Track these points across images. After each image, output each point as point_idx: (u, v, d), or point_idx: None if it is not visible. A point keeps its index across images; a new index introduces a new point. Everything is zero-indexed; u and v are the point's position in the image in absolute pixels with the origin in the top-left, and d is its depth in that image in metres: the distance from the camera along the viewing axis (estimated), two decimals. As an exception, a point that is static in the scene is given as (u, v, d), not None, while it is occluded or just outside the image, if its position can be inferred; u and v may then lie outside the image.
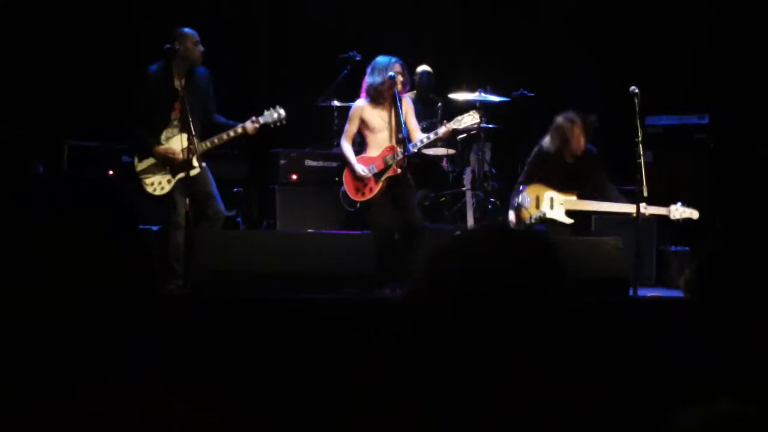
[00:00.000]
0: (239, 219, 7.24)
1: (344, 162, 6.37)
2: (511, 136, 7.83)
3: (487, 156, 8.01)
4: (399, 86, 6.15)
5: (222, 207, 5.90)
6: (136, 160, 5.85)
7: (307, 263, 5.24)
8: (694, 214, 6.25)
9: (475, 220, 7.26)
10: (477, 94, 7.81)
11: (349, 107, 6.56)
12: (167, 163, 5.78)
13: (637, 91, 6.23)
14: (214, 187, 5.88)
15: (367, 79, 6.28)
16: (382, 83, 6.16)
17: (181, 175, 5.76)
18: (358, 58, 7.43)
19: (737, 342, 1.63)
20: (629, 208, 6.22)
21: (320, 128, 7.64)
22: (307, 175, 7.41)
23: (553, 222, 6.47)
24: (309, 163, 7.46)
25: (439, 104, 8.09)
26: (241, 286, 4.96)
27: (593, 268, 5.53)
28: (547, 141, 6.51)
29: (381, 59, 6.24)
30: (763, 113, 7.79)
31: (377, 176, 6.25)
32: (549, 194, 6.52)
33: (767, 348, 1.59)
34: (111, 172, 7.18)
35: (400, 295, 5.19)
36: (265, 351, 4.39)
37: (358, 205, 6.30)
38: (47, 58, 7.62)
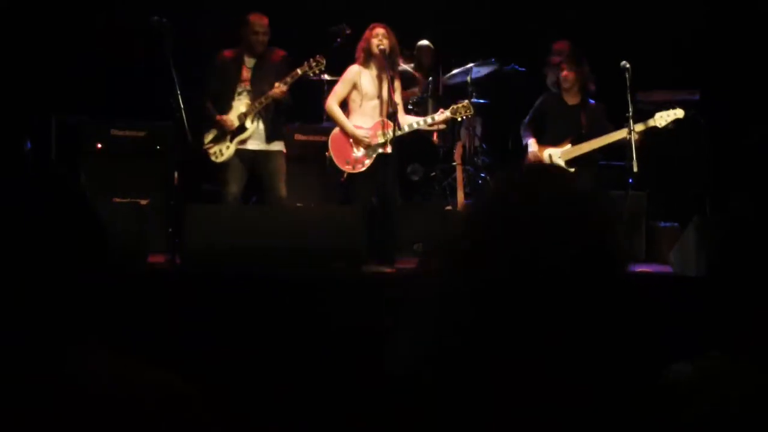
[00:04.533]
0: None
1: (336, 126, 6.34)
2: (501, 111, 7.80)
3: (478, 131, 8.00)
4: (380, 43, 6.15)
5: None
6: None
7: (297, 237, 5.22)
8: (678, 113, 6.32)
9: (466, 195, 7.25)
10: (470, 67, 7.78)
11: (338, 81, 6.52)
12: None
13: (628, 66, 6.22)
14: None
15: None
16: (365, 41, 6.27)
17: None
18: (348, 31, 7.39)
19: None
20: (620, 134, 6.31)
21: (310, 102, 7.59)
22: (297, 150, 7.37)
23: None
24: (299, 137, 7.42)
25: (430, 78, 8.06)
26: (230, 260, 4.95)
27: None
28: (549, 81, 6.71)
29: None
30: (754, 91, 7.78)
31: (370, 150, 6.23)
32: (546, 153, 6.61)
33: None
34: (99, 146, 7.13)
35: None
36: (253, 324, 4.39)
37: (345, 175, 6.27)
38: (32, 30, 7.55)
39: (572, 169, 6.47)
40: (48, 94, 7.37)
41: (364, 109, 6.29)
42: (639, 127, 6.28)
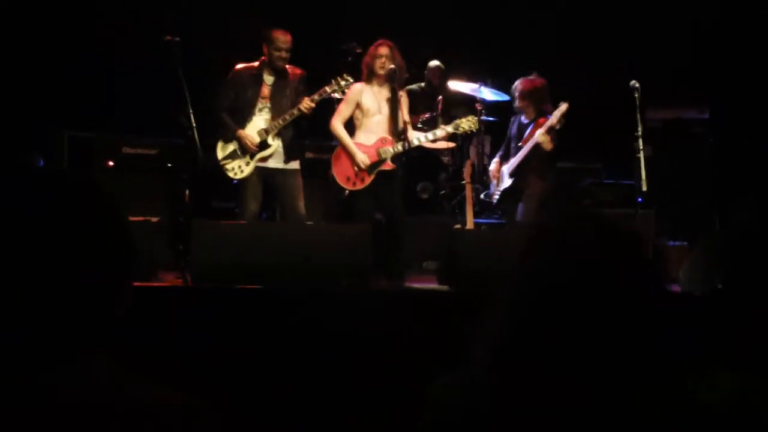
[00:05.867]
0: (237, 209, 7.25)
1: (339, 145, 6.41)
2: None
3: (487, 149, 8.01)
4: (383, 65, 6.22)
5: None
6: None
7: (305, 254, 5.23)
8: (562, 107, 6.47)
9: (475, 213, 7.27)
10: (477, 86, 7.80)
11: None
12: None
13: (637, 85, 6.23)
14: None
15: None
16: (370, 57, 6.32)
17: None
18: (359, 50, 7.42)
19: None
20: (535, 135, 6.52)
21: (319, 120, 7.63)
22: (306, 167, 7.41)
23: (506, 191, 6.78)
24: (309, 155, 7.45)
25: (440, 97, 8.10)
26: (237, 277, 4.96)
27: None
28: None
29: None
30: (762, 109, 7.78)
31: (370, 168, 6.28)
32: (503, 170, 6.83)
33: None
34: (110, 163, 7.18)
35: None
36: (262, 340, 4.40)
37: (346, 192, 6.34)
38: (44, 49, 7.62)
39: (510, 181, 6.71)
40: (60, 110, 7.43)
41: (367, 125, 6.35)
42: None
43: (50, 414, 1.17)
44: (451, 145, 7.88)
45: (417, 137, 6.47)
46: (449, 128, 6.50)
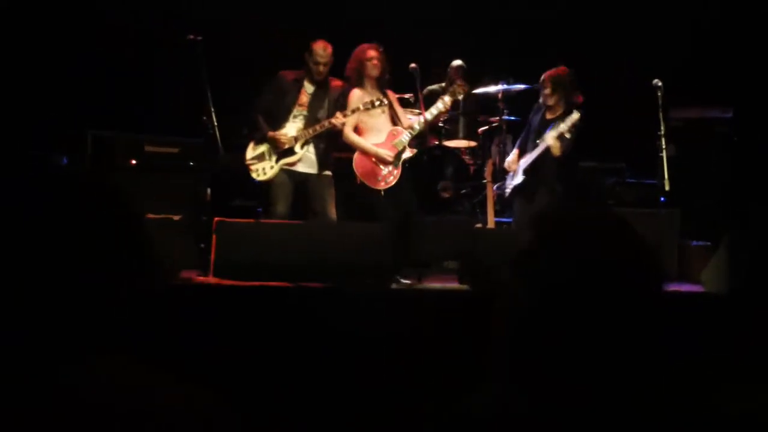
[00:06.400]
0: (259, 209, 7.26)
1: (357, 151, 6.44)
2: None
3: (509, 148, 7.98)
4: (374, 65, 6.32)
5: None
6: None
7: (325, 254, 5.25)
8: (574, 116, 6.31)
9: (496, 212, 7.25)
10: (500, 85, 7.78)
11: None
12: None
13: (660, 84, 6.20)
14: None
15: None
16: (357, 62, 6.40)
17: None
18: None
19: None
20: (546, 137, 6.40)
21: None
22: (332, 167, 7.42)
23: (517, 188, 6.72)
24: (334, 154, 7.45)
25: (460, 97, 8.08)
26: (259, 276, 4.98)
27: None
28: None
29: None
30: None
31: (396, 160, 6.34)
32: (519, 164, 6.73)
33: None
34: (133, 162, 7.21)
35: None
36: (282, 340, 4.41)
37: (382, 193, 6.35)
38: (69, 49, 7.67)
39: (523, 178, 6.62)
40: (84, 109, 7.48)
41: (373, 125, 6.46)
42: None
43: (51, 414, 1.17)
44: (473, 144, 7.87)
45: (423, 117, 6.50)
46: (447, 98, 6.58)
